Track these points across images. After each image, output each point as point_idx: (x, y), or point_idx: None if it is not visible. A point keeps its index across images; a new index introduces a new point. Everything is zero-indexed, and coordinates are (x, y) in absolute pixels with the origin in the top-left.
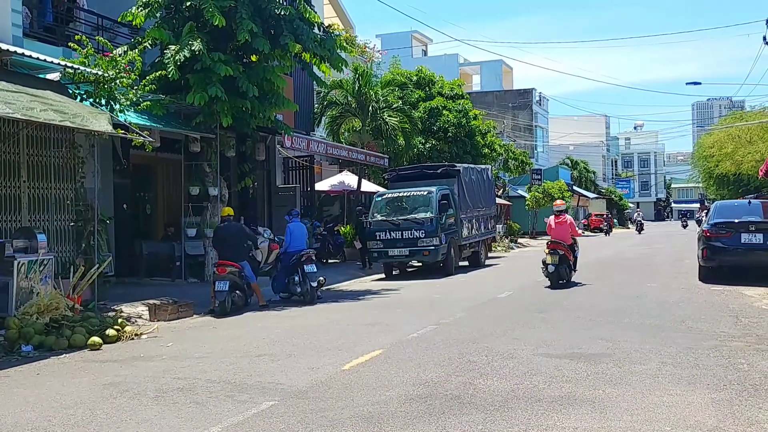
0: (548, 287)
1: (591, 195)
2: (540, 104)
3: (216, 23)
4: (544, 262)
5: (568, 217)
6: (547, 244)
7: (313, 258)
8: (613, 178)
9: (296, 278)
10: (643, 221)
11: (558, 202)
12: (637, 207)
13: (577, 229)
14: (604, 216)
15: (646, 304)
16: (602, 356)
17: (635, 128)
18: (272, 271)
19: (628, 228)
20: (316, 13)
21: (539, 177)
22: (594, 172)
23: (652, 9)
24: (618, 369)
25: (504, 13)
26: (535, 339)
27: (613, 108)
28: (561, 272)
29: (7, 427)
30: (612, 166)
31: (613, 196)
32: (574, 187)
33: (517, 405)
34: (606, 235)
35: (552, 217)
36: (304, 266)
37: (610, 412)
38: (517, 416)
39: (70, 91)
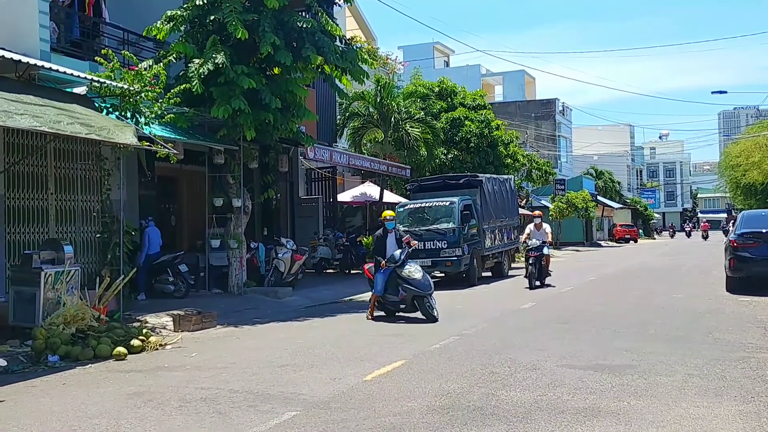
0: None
1: (616, 205)
2: (563, 114)
3: (239, 36)
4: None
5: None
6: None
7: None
8: (638, 188)
9: (169, 278)
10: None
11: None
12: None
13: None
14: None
15: (672, 314)
16: (627, 368)
17: (660, 138)
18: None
19: (654, 239)
20: (337, 25)
21: (563, 187)
22: (619, 183)
23: (676, 18)
24: (643, 380)
25: (526, 24)
26: (558, 350)
27: (637, 117)
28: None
29: None
30: (637, 176)
31: (638, 207)
32: (599, 198)
33: (540, 416)
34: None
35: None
36: (179, 266)
37: (635, 424)
38: (541, 428)
39: (97, 105)
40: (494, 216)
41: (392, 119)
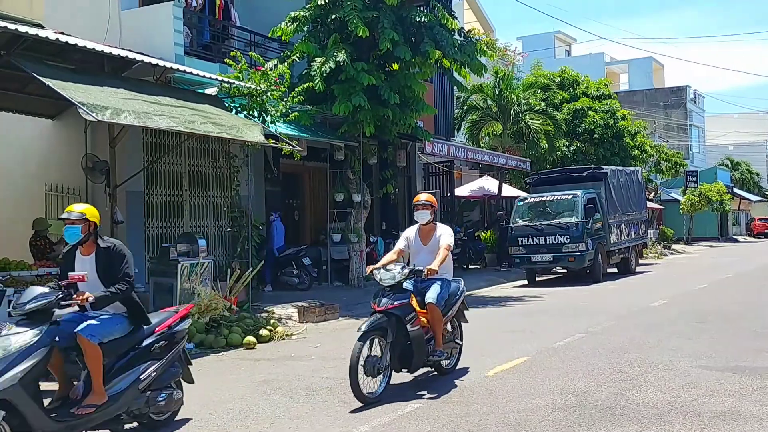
0: None
1: (754, 198)
2: (695, 102)
3: (360, 34)
4: None
5: None
6: None
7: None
8: None
9: (293, 271)
10: None
11: None
12: None
13: None
14: None
15: None
16: None
17: None
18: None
19: None
20: (455, 18)
21: (695, 179)
22: (757, 174)
23: None
24: None
25: (653, 8)
26: (692, 350)
27: None
28: None
29: (178, 415)
30: None
31: None
32: (735, 190)
33: (674, 419)
34: None
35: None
36: (303, 260)
37: None
38: (675, 430)
39: (226, 105)
40: (620, 210)
41: (511, 111)
